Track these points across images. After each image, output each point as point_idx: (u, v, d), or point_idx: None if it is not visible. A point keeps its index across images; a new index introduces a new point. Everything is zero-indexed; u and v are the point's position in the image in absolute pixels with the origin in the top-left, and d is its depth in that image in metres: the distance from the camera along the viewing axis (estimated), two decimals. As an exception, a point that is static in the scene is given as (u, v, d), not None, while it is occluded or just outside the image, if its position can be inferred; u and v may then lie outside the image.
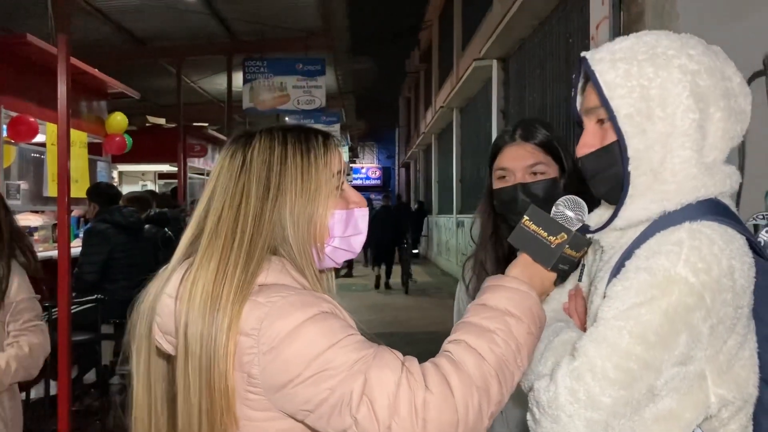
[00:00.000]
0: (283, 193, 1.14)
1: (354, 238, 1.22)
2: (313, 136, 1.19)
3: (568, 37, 7.83)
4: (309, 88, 9.83)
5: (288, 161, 1.15)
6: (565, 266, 1.18)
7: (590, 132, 1.19)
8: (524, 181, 1.60)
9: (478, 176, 13.50)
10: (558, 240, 1.16)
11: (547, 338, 1.22)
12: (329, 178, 1.18)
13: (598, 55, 1.16)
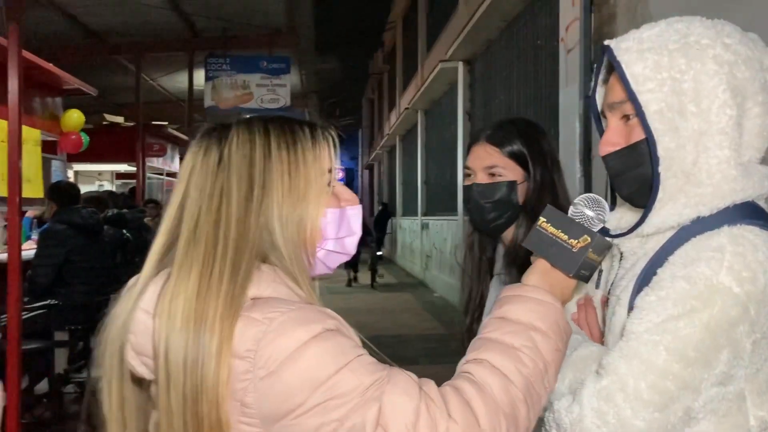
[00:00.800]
0: (269, 192, 0.99)
1: (348, 240, 1.09)
2: (298, 127, 1.05)
3: (536, 38, 7.81)
4: (273, 86, 9.64)
5: (272, 156, 1.00)
6: (587, 272, 1.07)
7: (614, 129, 1.08)
8: (480, 181, 1.59)
9: (443, 178, 13.47)
10: (581, 243, 1.05)
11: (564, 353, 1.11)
12: (319, 173, 1.04)
13: (625, 44, 1.05)
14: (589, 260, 1.05)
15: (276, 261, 0.99)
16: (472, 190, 1.59)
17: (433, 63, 12.55)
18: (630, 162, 1.07)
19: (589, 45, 5.57)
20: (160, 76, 11.77)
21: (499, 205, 1.57)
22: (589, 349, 1.08)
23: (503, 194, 1.57)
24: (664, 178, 1.03)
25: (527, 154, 1.58)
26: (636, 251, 1.10)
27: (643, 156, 1.05)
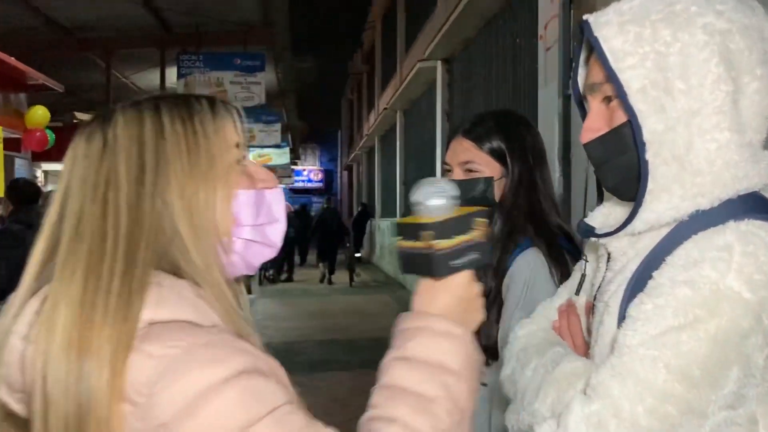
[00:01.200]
0: (165, 173, 0.83)
1: (270, 228, 0.92)
2: (194, 100, 0.89)
3: (515, 37, 7.71)
4: (248, 84, 9.44)
5: (166, 131, 0.84)
6: (462, 259, 0.86)
7: (595, 113, 0.97)
8: (456, 177, 1.52)
9: (421, 178, 13.33)
10: (422, 243, 0.87)
11: (543, 366, 0.97)
12: (224, 148, 0.87)
13: (604, 17, 0.93)
14: (446, 251, 0.86)
15: (180, 259, 0.82)
16: None
17: (412, 63, 12.44)
18: (613, 148, 0.95)
19: (569, 42, 5.48)
20: (132, 74, 11.51)
21: (474, 202, 1.45)
22: (573, 365, 0.94)
23: (479, 191, 1.49)
24: (654, 165, 0.90)
25: (506, 149, 1.51)
26: (626, 251, 0.96)
27: (627, 141, 0.93)
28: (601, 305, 0.96)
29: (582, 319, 1.09)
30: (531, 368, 0.99)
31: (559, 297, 1.16)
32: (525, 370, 1.00)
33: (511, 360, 1.08)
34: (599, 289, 0.99)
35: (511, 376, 1.04)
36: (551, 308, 1.15)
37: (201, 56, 9.48)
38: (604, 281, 0.98)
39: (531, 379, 0.97)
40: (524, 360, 1.03)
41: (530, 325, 1.13)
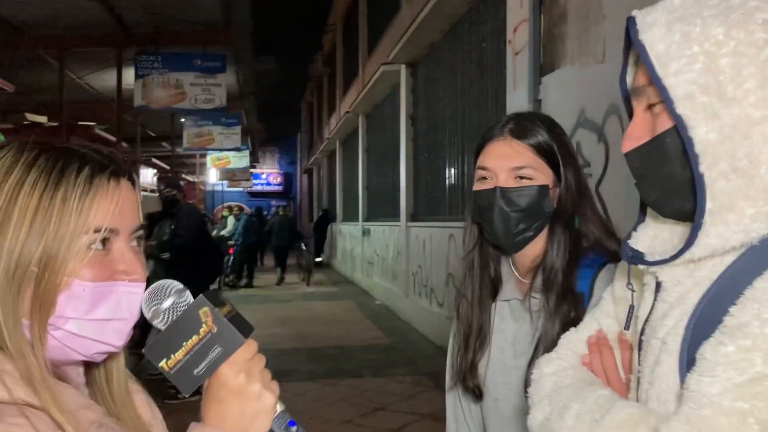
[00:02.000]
0: (6, 235, 0.77)
1: (109, 324, 0.82)
2: (75, 166, 0.81)
3: (482, 41, 7.66)
4: (208, 86, 9.18)
5: (22, 191, 0.78)
6: (212, 356, 0.79)
7: (638, 120, 0.87)
8: (505, 185, 1.33)
9: (385, 183, 13.26)
10: (166, 365, 0.80)
11: (588, 413, 0.85)
12: (76, 232, 0.79)
13: (651, 16, 0.83)
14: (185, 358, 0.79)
15: None
16: (495, 196, 1.33)
17: (375, 66, 12.34)
18: (655, 159, 0.85)
19: (539, 47, 5.44)
20: (87, 74, 11.12)
21: (528, 213, 1.32)
22: (626, 412, 0.82)
23: (534, 201, 1.32)
24: (710, 180, 0.78)
25: (558, 154, 1.34)
26: (681, 281, 0.84)
27: (671, 151, 0.83)
28: (656, 342, 0.84)
29: (616, 352, 0.98)
30: (572, 415, 0.87)
31: (587, 327, 1.04)
32: (565, 417, 0.88)
33: (541, 403, 0.95)
34: (648, 323, 0.87)
35: (546, 423, 0.92)
36: (577, 341, 1.03)
37: (159, 57, 9.18)
38: (654, 314, 0.86)
39: (574, 428, 0.86)
40: (561, 404, 0.91)
41: (558, 361, 1.00)
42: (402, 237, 10.63)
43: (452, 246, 8.03)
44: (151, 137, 17.12)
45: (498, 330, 1.39)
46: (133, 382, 0.94)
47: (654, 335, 0.84)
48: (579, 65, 4.78)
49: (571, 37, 4.96)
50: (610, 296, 1.03)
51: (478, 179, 1.37)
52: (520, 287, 1.40)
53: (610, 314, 1.02)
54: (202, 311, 0.79)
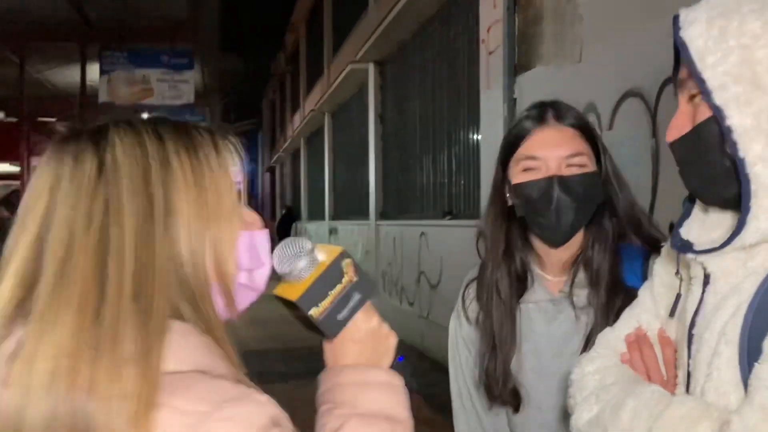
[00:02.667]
0: (174, 211, 0.74)
1: (257, 272, 0.86)
2: (192, 128, 0.80)
3: (453, 40, 7.70)
4: (175, 82, 9.02)
5: (172, 161, 0.75)
6: (347, 307, 0.87)
7: (680, 112, 0.92)
8: (560, 173, 1.25)
9: (352, 182, 13.23)
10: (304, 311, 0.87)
11: (645, 408, 0.85)
12: (230, 186, 0.80)
13: (693, 14, 0.88)
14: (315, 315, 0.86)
15: (185, 303, 0.73)
16: (553, 185, 1.24)
17: (342, 65, 12.30)
18: (696, 147, 0.89)
19: (513, 46, 5.48)
20: (47, 69, 10.82)
21: (584, 203, 1.25)
22: (686, 407, 0.83)
23: (589, 189, 1.25)
24: (750, 164, 0.82)
25: (598, 142, 1.29)
26: (733, 272, 0.86)
27: (711, 139, 0.86)
28: (710, 334, 0.85)
29: (656, 349, 0.99)
30: (628, 411, 0.88)
31: (625, 325, 1.05)
32: (620, 414, 0.89)
33: (587, 402, 0.96)
34: (699, 316, 0.88)
35: (597, 421, 0.92)
36: (615, 339, 1.04)
37: (125, 53, 8.98)
38: (705, 307, 0.88)
39: (631, 425, 0.86)
40: (613, 402, 0.92)
41: (600, 360, 1.01)
42: (371, 235, 10.61)
43: (423, 244, 8.05)
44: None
45: (528, 334, 1.31)
46: None
47: (708, 328, 0.86)
48: (555, 65, 4.84)
49: (546, 38, 5.01)
50: (649, 292, 1.04)
51: (522, 171, 1.28)
52: (552, 287, 1.33)
53: (650, 311, 1.03)
54: (345, 263, 0.85)
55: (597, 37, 4.35)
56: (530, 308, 1.33)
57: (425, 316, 7.83)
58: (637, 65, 3.83)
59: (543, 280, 1.34)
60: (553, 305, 1.32)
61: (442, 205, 8.07)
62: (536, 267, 1.35)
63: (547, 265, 1.34)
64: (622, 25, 4.02)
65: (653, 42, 3.70)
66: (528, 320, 1.33)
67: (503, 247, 1.34)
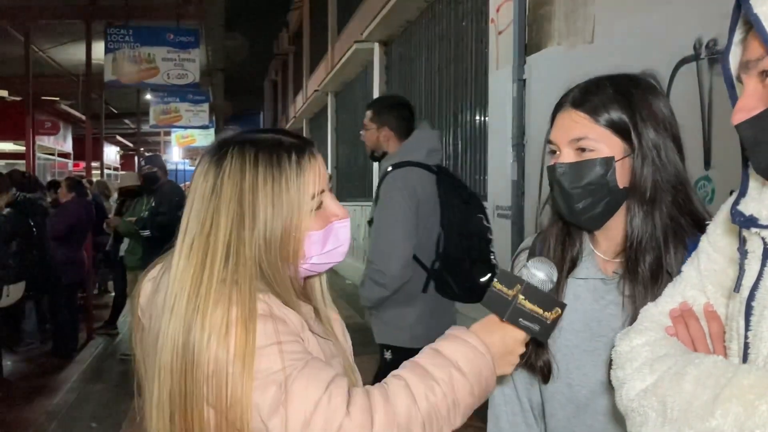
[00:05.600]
0: (256, 222, 1.12)
1: (335, 251, 1.21)
2: (285, 156, 1.14)
3: (461, 19, 7.64)
4: (181, 61, 8.94)
5: (259, 187, 1.12)
6: (528, 322, 1.13)
7: (751, 92, 0.87)
8: (565, 160, 1.25)
9: (355, 162, 13.21)
10: (513, 292, 1.13)
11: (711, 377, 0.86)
12: (304, 202, 1.15)
13: None
14: (525, 309, 1.13)
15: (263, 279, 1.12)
16: (556, 172, 1.25)
17: (346, 44, 12.22)
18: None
19: (524, 26, 5.43)
20: (51, 47, 10.73)
21: (591, 189, 1.22)
22: (755, 375, 0.82)
23: (596, 175, 1.22)
24: None
25: (629, 120, 1.22)
26: None
27: None
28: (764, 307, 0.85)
29: (702, 323, 0.99)
30: (690, 380, 0.88)
31: (668, 301, 1.05)
32: (682, 383, 0.88)
33: (641, 371, 0.96)
34: (759, 289, 0.88)
35: (655, 390, 0.92)
36: (659, 314, 1.04)
37: (131, 30, 8.90)
38: (766, 278, 0.88)
39: (695, 393, 0.86)
40: (670, 371, 0.92)
41: (648, 332, 1.01)
42: (375, 216, 10.61)
43: (428, 225, 8.05)
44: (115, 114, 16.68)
45: (571, 310, 1.25)
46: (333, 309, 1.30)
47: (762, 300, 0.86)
48: (566, 45, 4.81)
49: (558, 17, 4.97)
50: (694, 268, 1.04)
51: (549, 152, 1.30)
52: (605, 266, 1.30)
53: (696, 286, 1.02)
54: (558, 311, 1.14)
55: (609, 17, 4.31)
56: (578, 284, 1.31)
57: (430, 296, 7.84)
58: (651, 46, 3.79)
59: (595, 258, 1.32)
60: (603, 284, 1.29)
61: (447, 186, 8.04)
62: (590, 243, 1.33)
63: (601, 244, 1.31)
64: (635, 5, 3.99)
65: (667, 23, 3.68)
66: (574, 295, 1.30)
67: (561, 222, 1.32)
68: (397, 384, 1.06)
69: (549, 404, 1.34)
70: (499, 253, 5.61)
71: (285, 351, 1.03)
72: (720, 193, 2.98)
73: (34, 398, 5.29)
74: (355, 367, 1.25)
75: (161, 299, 1.11)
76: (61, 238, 6.40)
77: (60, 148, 11.89)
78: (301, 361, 1.03)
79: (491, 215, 5.95)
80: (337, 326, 1.29)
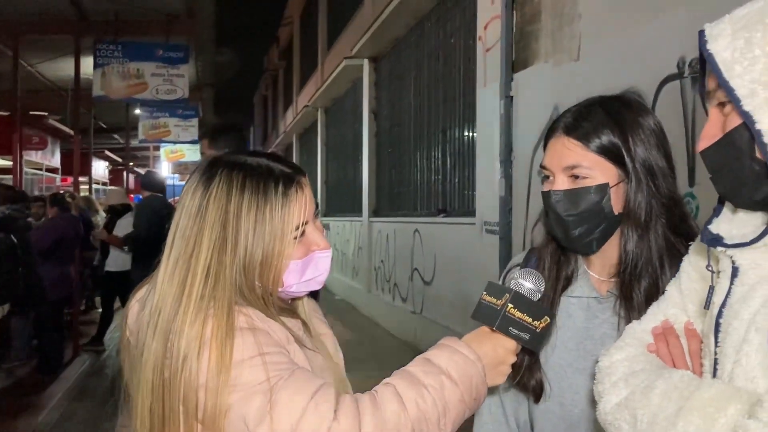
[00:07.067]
0: (238, 246, 1.14)
1: (314, 279, 1.23)
2: (272, 185, 1.15)
3: (449, 37, 7.71)
4: (170, 76, 8.95)
5: (243, 213, 1.14)
6: (518, 331, 1.14)
7: (711, 120, 0.95)
8: (559, 187, 1.24)
9: (345, 178, 13.24)
10: (501, 302, 1.14)
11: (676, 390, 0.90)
12: (286, 232, 1.16)
13: (717, 28, 0.91)
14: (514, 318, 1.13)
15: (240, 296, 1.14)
16: (551, 199, 1.25)
17: (336, 60, 12.28)
18: (727, 153, 0.92)
19: (511, 43, 5.49)
20: (40, 62, 10.71)
21: (587, 217, 1.22)
22: (716, 389, 0.87)
23: (591, 202, 1.21)
24: None
25: (622, 145, 1.21)
26: (761, 264, 0.90)
27: (741, 145, 0.89)
28: (740, 322, 0.88)
29: (683, 340, 1.02)
30: (658, 394, 0.91)
31: (651, 319, 1.07)
32: (649, 396, 0.92)
33: (616, 387, 0.99)
34: (727, 306, 0.91)
35: (627, 403, 0.96)
36: (642, 331, 1.07)
37: (120, 45, 8.91)
38: (733, 297, 0.91)
39: (661, 406, 0.89)
40: (643, 385, 0.95)
41: (628, 349, 1.04)
42: (364, 232, 10.63)
43: (417, 241, 8.07)
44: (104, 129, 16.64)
45: (564, 328, 1.28)
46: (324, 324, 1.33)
47: (736, 317, 0.89)
48: (553, 62, 4.86)
49: (544, 35, 5.02)
50: (676, 287, 1.07)
51: (543, 178, 1.29)
52: (601, 286, 1.31)
53: (677, 305, 1.06)
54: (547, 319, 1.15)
55: (595, 35, 4.37)
56: (572, 302, 1.31)
57: (418, 312, 7.85)
58: (636, 64, 3.84)
59: (589, 277, 1.32)
60: (598, 303, 1.29)
61: (436, 203, 8.08)
62: (584, 263, 1.33)
63: (596, 265, 1.32)
64: (621, 24, 4.04)
65: (651, 41, 3.73)
66: (567, 315, 1.31)
67: (555, 241, 1.32)
68: (387, 390, 1.06)
69: (539, 423, 1.34)
70: (486, 269, 5.64)
71: (269, 362, 1.05)
72: (704, 209, 3.01)
73: (19, 416, 5.24)
74: (347, 381, 1.26)
75: (146, 316, 1.14)
76: (48, 253, 6.36)
77: (48, 163, 11.85)
78: (287, 371, 1.05)
79: (479, 231, 5.98)
80: (329, 341, 1.30)
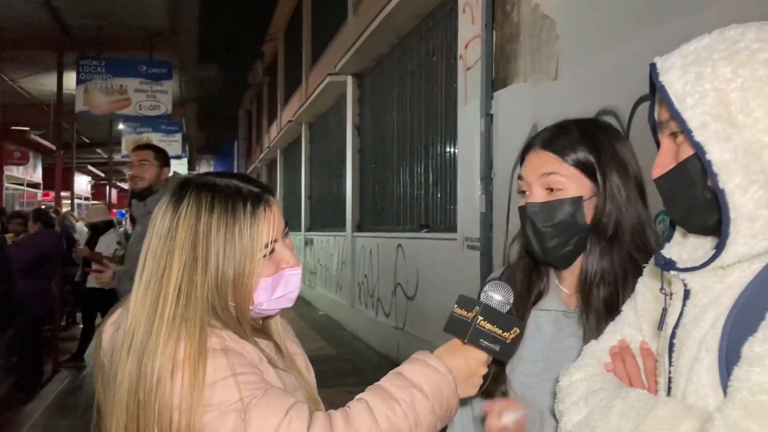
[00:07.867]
0: (208, 266, 1.16)
1: (285, 297, 1.24)
2: (240, 205, 1.18)
3: (431, 55, 7.79)
4: (153, 92, 8.96)
5: (212, 233, 1.16)
6: (489, 343, 1.17)
7: (664, 149, 0.99)
8: (533, 200, 1.30)
9: (329, 193, 13.25)
10: (471, 314, 1.17)
11: (633, 409, 0.94)
12: (255, 251, 1.18)
13: (668, 62, 0.96)
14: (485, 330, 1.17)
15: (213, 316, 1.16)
16: (527, 212, 1.30)
17: (320, 76, 12.34)
18: (680, 182, 0.96)
19: (491, 62, 5.57)
20: (22, 77, 10.69)
21: (562, 228, 1.27)
22: (670, 407, 0.91)
23: (566, 214, 1.27)
24: (730, 193, 0.89)
25: (595, 161, 1.27)
26: (711, 287, 0.94)
27: (694, 174, 0.93)
28: (692, 342, 0.92)
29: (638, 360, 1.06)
30: (616, 413, 0.95)
31: (609, 338, 1.12)
32: (608, 415, 0.96)
33: (576, 406, 1.03)
34: (680, 327, 0.95)
35: (586, 422, 0.99)
36: (600, 351, 1.11)
37: (103, 62, 8.91)
38: (685, 318, 0.95)
39: (619, 425, 0.93)
40: (602, 404, 0.98)
41: (587, 368, 1.08)
42: (348, 247, 10.64)
43: (400, 256, 8.10)
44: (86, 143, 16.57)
45: (532, 340, 1.32)
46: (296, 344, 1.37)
47: (688, 337, 0.93)
48: (532, 81, 4.94)
49: (523, 55, 5.11)
50: (632, 308, 1.11)
51: (519, 191, 1.35)
52: (570, 300, 1.35)
53: (633, 325, 1.10)
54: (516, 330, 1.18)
55: (573, 55, 4.45)
56: (540, 315, 1.35)
57: (401, 327, 7.87)
58: (612, 84, 3.93)
59: (559, 291, 1.36)
60: (565, 317, 1.33)
61: (418, 218, 8.13)
62: (555, 278, 1.38)
63: (566, 279, 1.36)
64: (597, 45, 4.12)
65: (627, 61, 3.81)
66: (536, 326, 1.35)
67: (529, 256, 1.37)
68: (359, 406, 1.09)
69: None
70: (468, 284, 5.68)
71: (242, 382, 1.07)
72: (676, 227, 3.08)
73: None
74: (319, 399, 1.28)
75: (120, 338, 1.16)
76: (30, 268, 6.33)
77: (29, 178, 11.77)
78: (260, 390, 1.07)
79: (461, 246, 6.03)
80: (300, 360, 1.33)
